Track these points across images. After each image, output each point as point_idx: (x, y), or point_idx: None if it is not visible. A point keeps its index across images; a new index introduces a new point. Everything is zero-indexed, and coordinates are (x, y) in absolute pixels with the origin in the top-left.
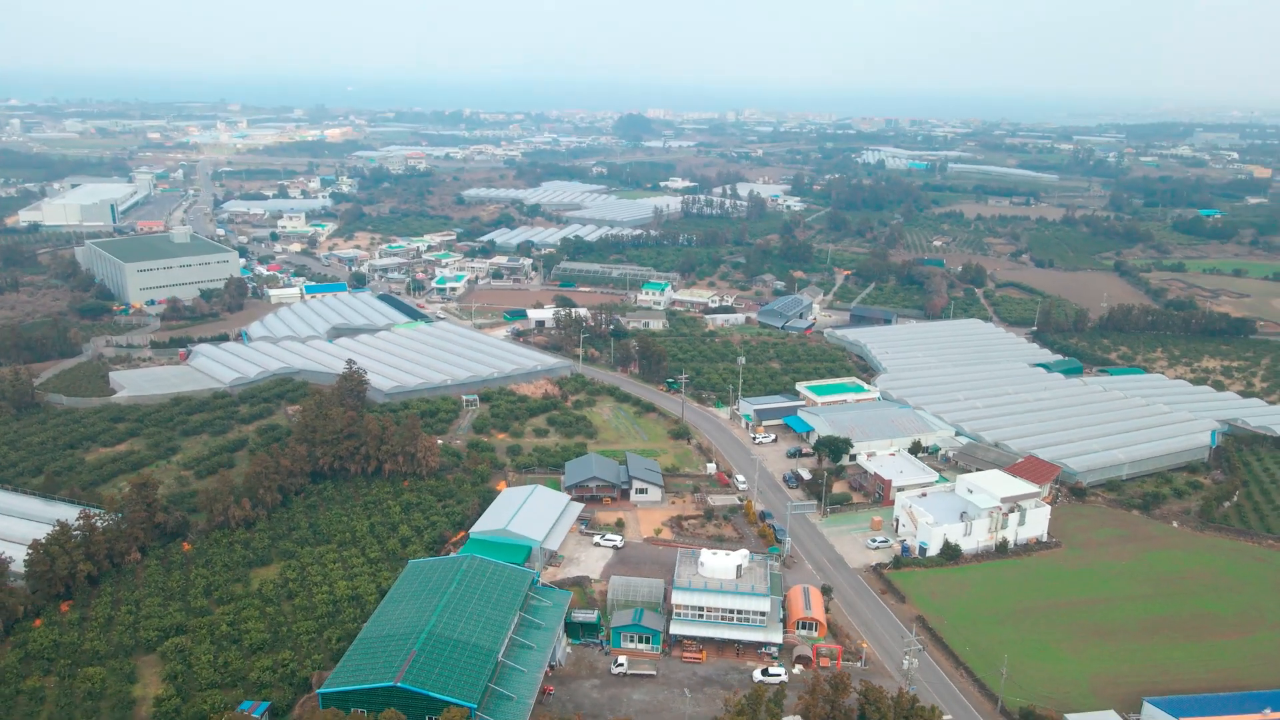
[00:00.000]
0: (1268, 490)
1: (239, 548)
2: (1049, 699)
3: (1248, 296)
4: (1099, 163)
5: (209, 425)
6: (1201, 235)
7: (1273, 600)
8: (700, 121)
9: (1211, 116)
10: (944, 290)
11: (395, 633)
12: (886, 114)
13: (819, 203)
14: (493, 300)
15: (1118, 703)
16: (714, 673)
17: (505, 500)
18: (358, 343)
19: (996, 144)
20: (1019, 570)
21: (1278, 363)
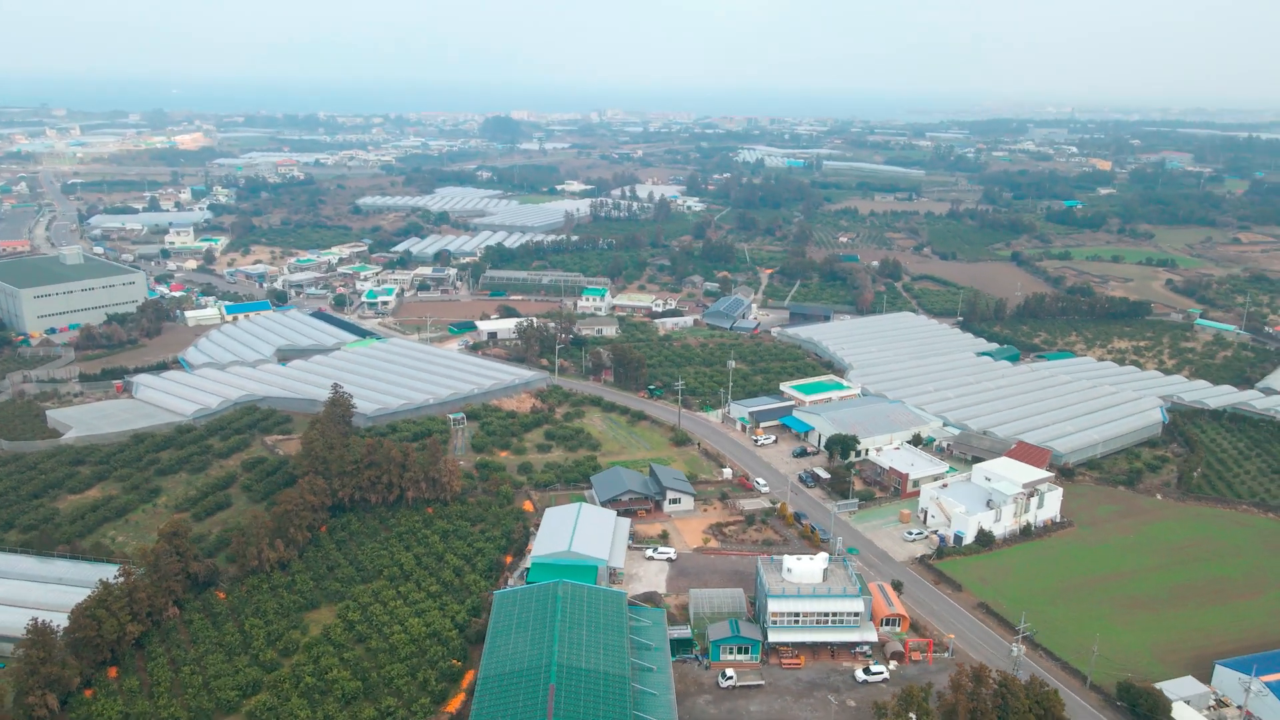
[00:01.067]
0: (1222, 459)
1: (283, 592)
2: (1128, 671)
3: (1130, 280)
4: (959, 158)
5: (184, 463)
6: (1074, 225)
7: (1270, 562)
8: (567, 122)
9: (1031, 113)
10: (869, 285)
11: (520, 668)
12: (744, 113)
13: (717, 202)
14: (427, 313)
15: (1185, 668)
16: (816, 676)
17: (554, 521)
18: (315, 364)
19: (861, 141)
20: (1046, 551)
21: (1178, 341)
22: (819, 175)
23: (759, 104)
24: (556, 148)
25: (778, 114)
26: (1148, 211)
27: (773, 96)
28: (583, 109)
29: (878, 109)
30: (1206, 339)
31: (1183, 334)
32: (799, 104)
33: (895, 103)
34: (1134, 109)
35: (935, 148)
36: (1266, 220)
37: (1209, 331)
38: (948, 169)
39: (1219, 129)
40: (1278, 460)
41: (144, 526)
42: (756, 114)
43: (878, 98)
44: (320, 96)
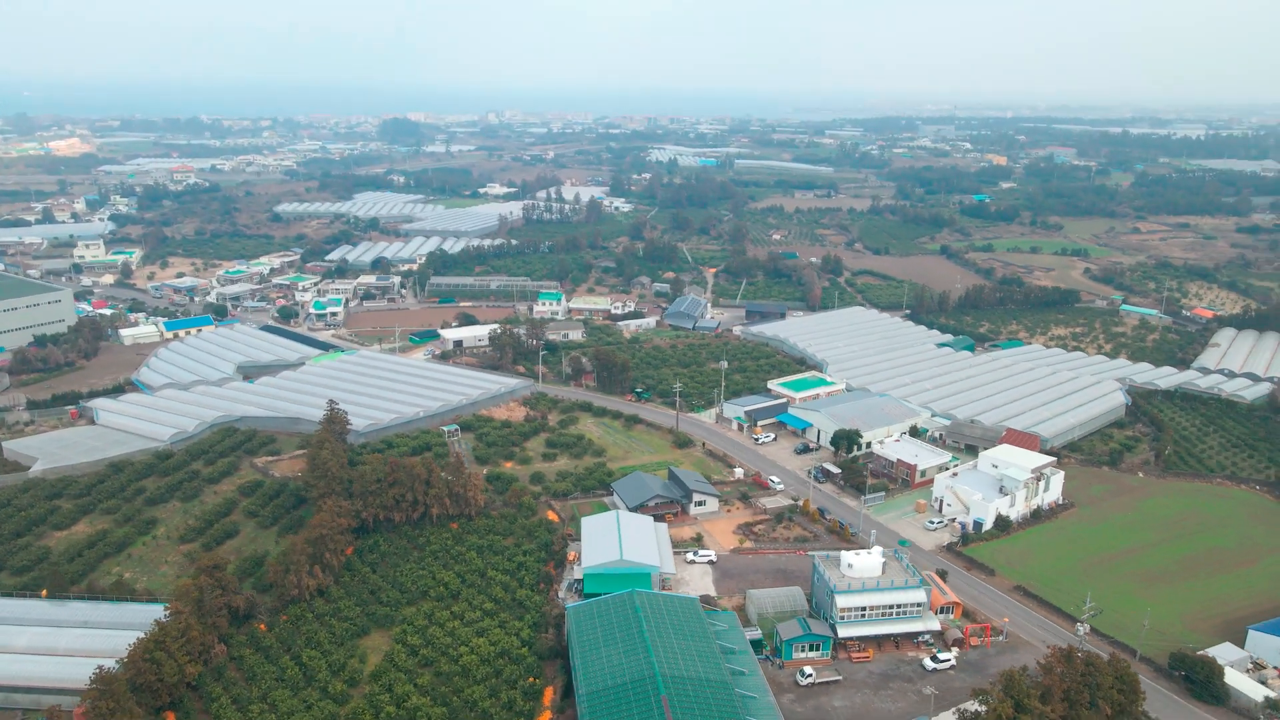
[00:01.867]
0: (1185, 436)
1: (331, 620)
2: (1170, 641)
3: (1052, 270)
4: (864, 155)
5: (173, 491)
6: (988, 218)
7: (1256, 530)
8: (465, 124)
9: (913, 110)
10: (816, 282)
11: (623, 682)
12: (641, 113)
13: (644, 203)
14: (378, 322)
15: (1214, 635)
16: (886, 668)
17: (595, 530)
18: (286, 381)
19: (766, 140)
20: (1057, 532)
21: (1109, 326)
22: (733, 174)
23: (654, 104)
24: (462, 150)
25: (675, 113)
26: (1052, 204)
27: (666, 96)
28: (478, 110)
29: (768, 107)
30: (1133, 323)
31: (1111, 319)
32: (693, 103)
33: (783, 101)
34: (1006, 106)
35: (840, 145)
36: (1158, 210)
37: (1134, 316)
38: (854, 165)
39: (1088, 124)
40: (1233, 435)
41: (149, 561)
42: (654, 114)
43: (765, 97)
44: (200, 99)
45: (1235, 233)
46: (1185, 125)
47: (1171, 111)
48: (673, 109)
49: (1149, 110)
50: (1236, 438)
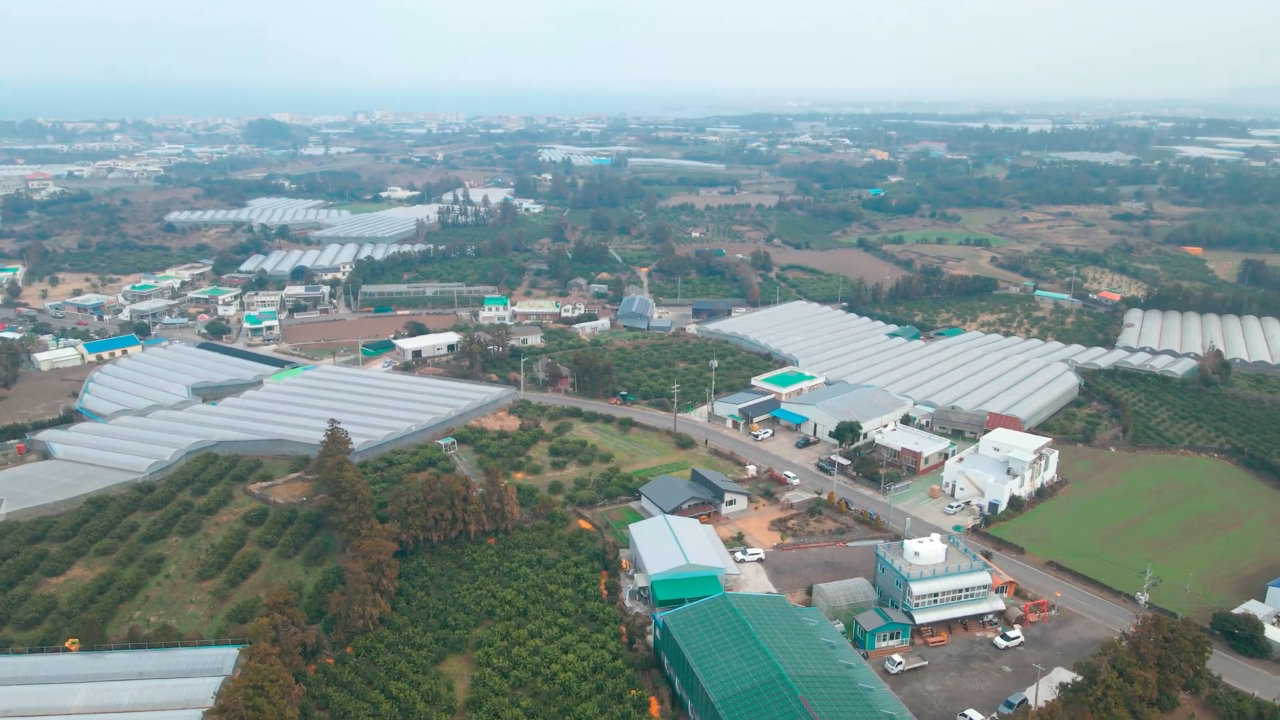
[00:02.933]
0: (1136, 411)
1: (405, 649)
2: (1195, 601)
3: (961, 260)
4: (752, 152)
5: (169, 526)
6: (890, 211)
7: (1231, 494)
8: (335, 125)
9: (776, 107)
10: (752, 278)
11: (753, 685)
12: (511, 112)
13: (554, 203)
14: (318, 335)
15: (1232, 594)
16: (961, 649)
17: (649, 536)
18: (252, 401)
19: (652, 138)
20: (1063, 509)
21: (1029, 312)
22: (630, 172)
23: (524, 104)
24: (341, 152)
25: (548, 113)
26: (946, 197)
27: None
28: (345, 110)
29: (636, 104)
30: (1049, 308)
31: (1028, 305)
32: (560, 103)
33: (648, 98)
34: (863, 103)
35: (728, 142)
36: (1039, 200)
37: (1048, 301)
38: (743, 162)
39: (944, 120)
40: (1176, 409)
41: (171, 602)
42: (528, 113)
43: (629, 93)
44: (35, 101)
45: (1111, 219)
46: (1032, 120)
47: (1013, 107)
48: (544, 109)
49: (993, 106)
50: (1180, 411)
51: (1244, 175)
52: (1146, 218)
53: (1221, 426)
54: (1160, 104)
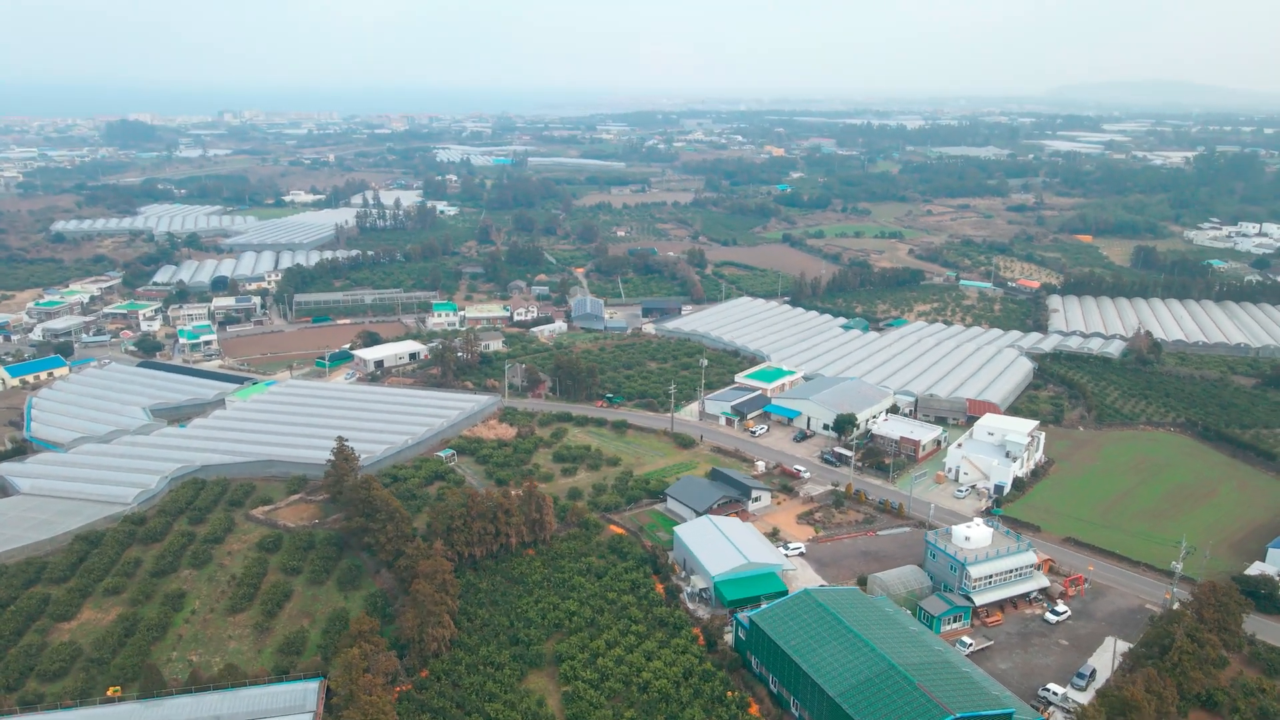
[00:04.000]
0: (1091, 391)
1: (484, 669)
2: (1202, 565)
3: (882, 252)
4: (650, 150)
5: (175, 558)
6: (804, 206)
7: (1198, 465)
8: (201, 125)
9: (652, 105)
10: (693, 275)
11: (867, 677)
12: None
13: (468, 205)
14: (259, 348)
15: (1231, 557)
16: (1018, 627)
17: (696, 537)
18: (225, 421)
19: (548, 137)
20: (1057, 487)
21: (959, 301)
22: (532, 172)
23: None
24: (220, 154)
25: (428, 112)
26: (852, 192)
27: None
28: (208, 110)
29: (516, 104)
30: (974, 296)
31: (955, 294)
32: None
33: (526, 98)
34: (738, 100)
35: (626, 140)
36: (938, 194)
37: (972, 290)
38: (642, 160)
39: (821, 116)
40: (1123, 388)
41: (208, 640)
42: (400, 112)
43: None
44: None
45: (1006, 211)
46: (903, 117)
47: (878, 103)
48: (420, 108)
49: (859, 103)
50: (1127, 389)
51: (1116, 168)
52: (1038, 208)
53: (1167, 402)
54: (1008, 100)
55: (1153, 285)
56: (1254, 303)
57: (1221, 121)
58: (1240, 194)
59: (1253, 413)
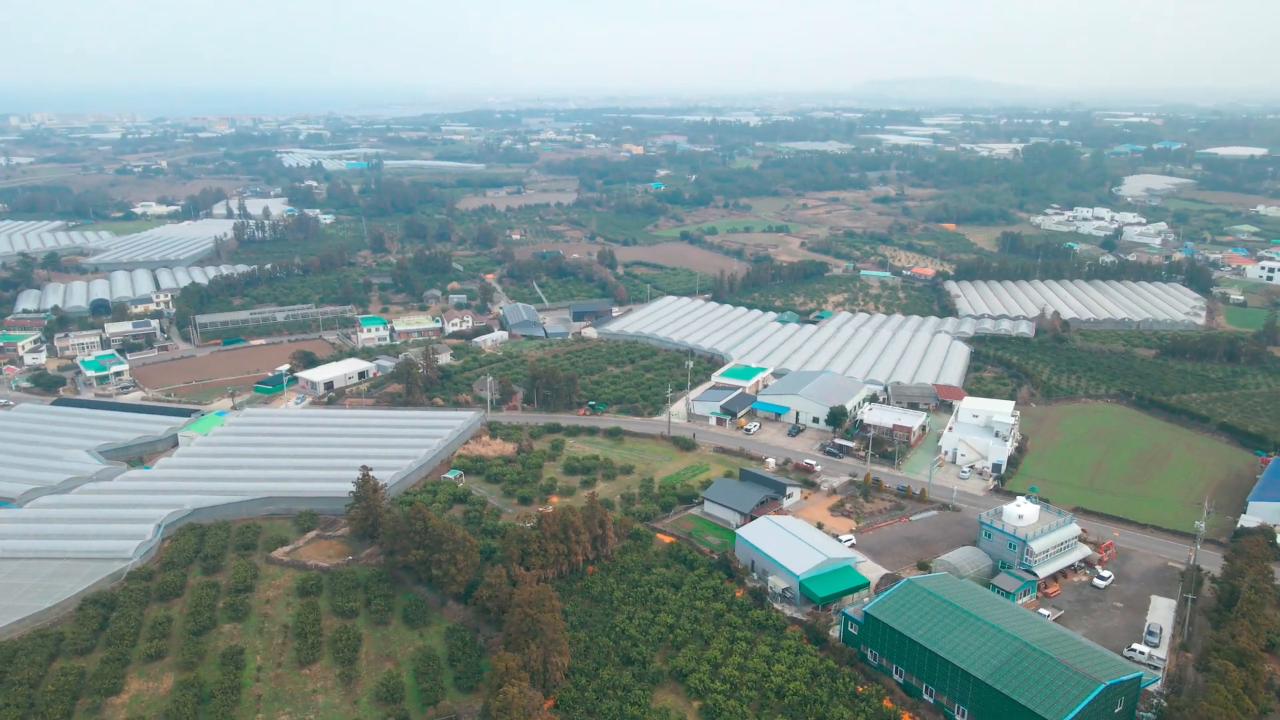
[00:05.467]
0: (1026, 370)
1: (613, 692)
2: (1209, 523)
3: (776, 246)
4: (508, 150)
5: (209, 614)
6: (687, 204)
7: (1146, 432)
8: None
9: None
10: (610, 276)
11: (1007, 659)
12: (192, 113)
13: (343, 212)
14: (179, 376)
15: (1217, 512)
16: (1073, 595)
17: (763, 538)
18: (191, 458)
19: (396, 139)
20: (1040, 461)
21: (866, 290)
22: (393, 175)
23: (199, 104)
24: (25, 163)
25: (246, 113)
26: (728, 188)
27: (207, 95)
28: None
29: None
30: (876, 285)
31: (859, 284)
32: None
33: (334, 97)
34: (566, 97)
35: (483, 142)
36: (806, 188)
37: (874, 279)
38: (502, 160)
39: (658, 113)
40: (1051, 364)
41: (292, 696)
42: (208, 113)
43: (312, 91)
44: None
45: (872, 203)
46: (737, 113)
47: (704, 99)
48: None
49: (687, 99)
50: (1055, 366)
51: (962, 160)
52: (900, 199)
53: (1091, 376)
54: (823, 96)
55: (1032, 269)
56: (1118, 280)
57: (1017, 115)
58: (1068, 182)
59: (1166, 381)
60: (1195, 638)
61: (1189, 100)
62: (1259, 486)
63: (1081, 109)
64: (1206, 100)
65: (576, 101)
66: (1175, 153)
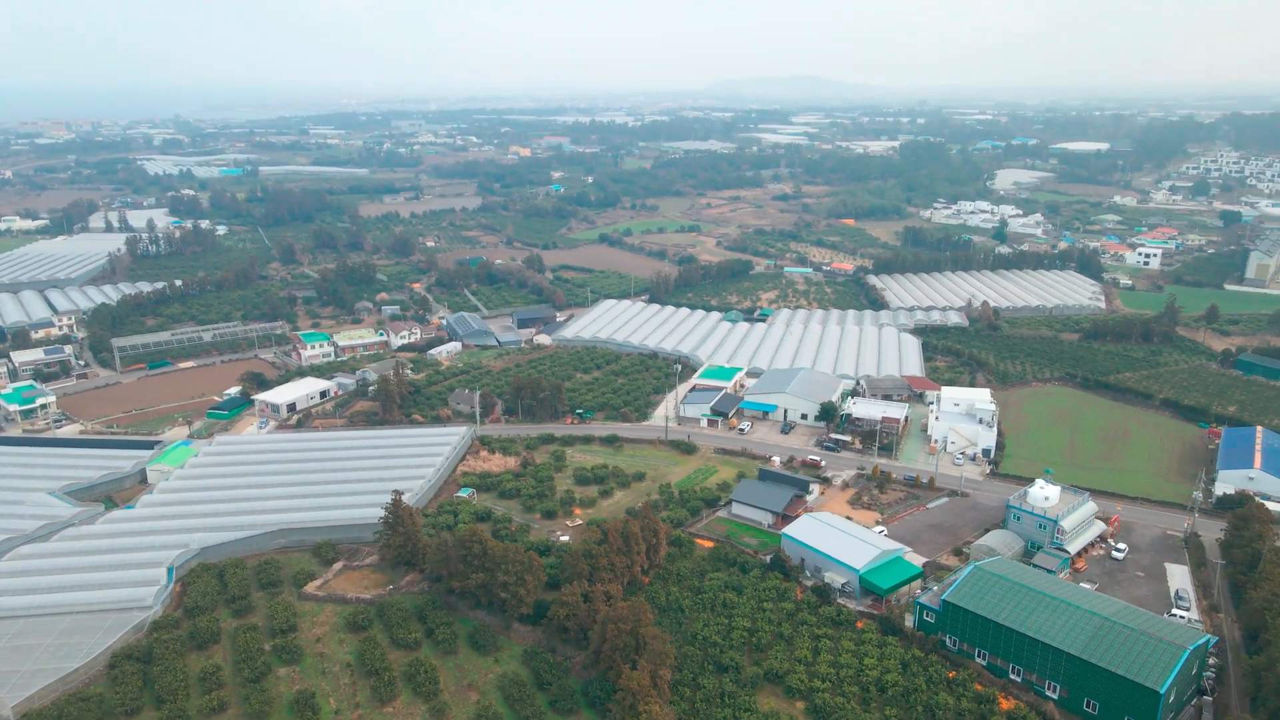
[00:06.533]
0: (981, 357)
1: (723, 700)
2: (1164, 492)
3: (694, 245)
4: (390, 154)
5: (257, 659)
6: (594, 206)
7: (1100, 410)
8: None
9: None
10: (545, 282)
11: (1093, 634)
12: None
13: (236, 223)
14: (113, 406)
15: (1187, 483)
16: (1097, 568)
17: (813, 536)
18: (175, 494)
19: (266, 144)
20: (1019, 443)
21: (793, 286)
22: (272, 182)
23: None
24: None
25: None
26: (633, 190)
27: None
28: None
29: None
30: (800, 281)
31: (785, 281)
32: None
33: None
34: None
35: (363, 146)
36: (706, 187)
37: (798, 275)
38: (384, 165)
39: (530, 114)
40: (993, 350)
41: None
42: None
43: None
44: None
45: (772, 201)
46: (611, 112)
47: (582, 100)
48: (37, 113)
49: (546, 100)
50: (998, 353)
51: (847, 158)
52: (798, 197)
53: (1033, 360)
54: (682, 95)
55: (943, 261)
56: (1019, 269)
57: (875, 113)
58: (946, 177)
59: (1097, 362)
60: (1220, 600)
61: (1017, 99)
62: (1224, 457)
63: (930, 107)
64: (1032, 99)
65: (437, 103)
66: (1032, 148)
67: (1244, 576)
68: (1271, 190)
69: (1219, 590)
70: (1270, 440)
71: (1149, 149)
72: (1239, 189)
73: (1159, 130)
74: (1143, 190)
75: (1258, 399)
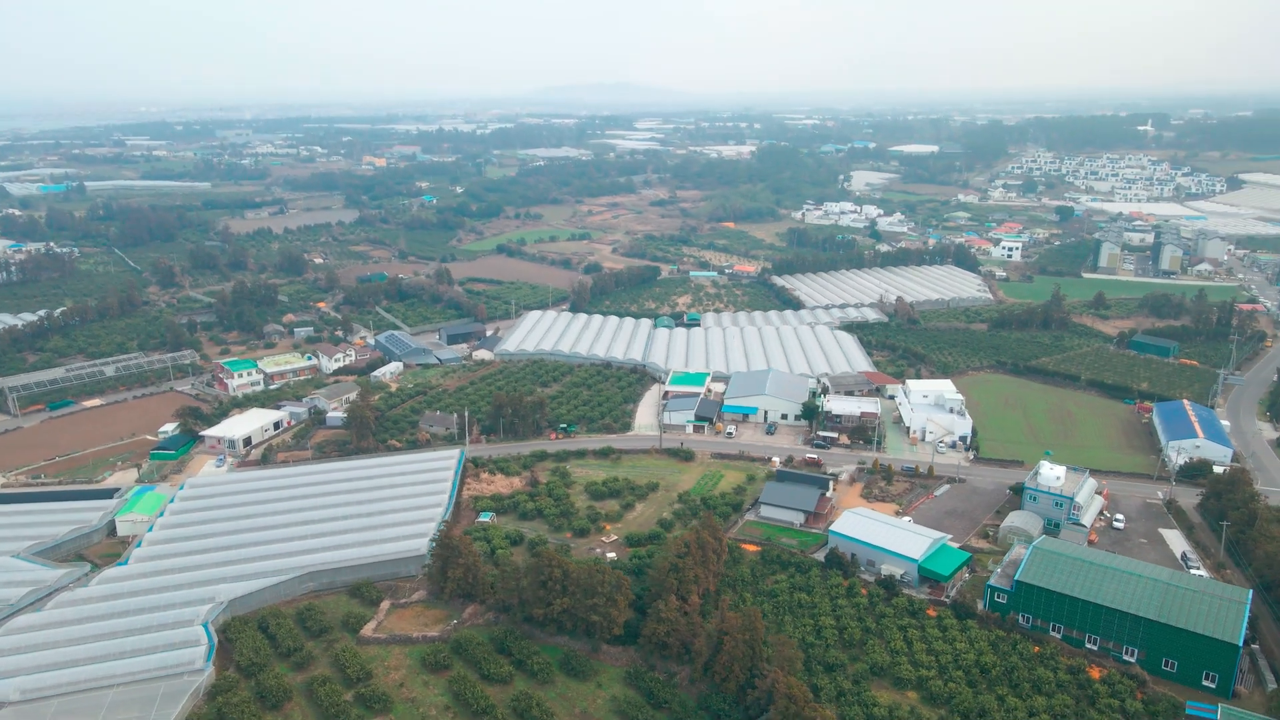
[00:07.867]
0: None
1: (851, 709)
2: (1127, 464)
3: (593, 253)
4: (232, 166)
5: (349, 712)
6: (477, 216)
7: (1035, 393)
8: None
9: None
10: (462, 296)
11: (1161, 598)
12: None
13: (88, 245)
14: (30, 452)
15: (1141, 453)
16: (1105, 538)
17: (864, 532)
18: (168, 546)
19: (78, 157)
20: (984, 429)
21: (704, 290)
22: (105, 198)
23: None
24: None
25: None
26: (510, 199)
27: None
28: None
29: None
30: (709, 284)
31: (695, 285)
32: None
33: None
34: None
35: (199, 159)
36: (582, 194)
37: (705, 279)
38: (227, 178)
39: (363, 123)
40: (920, 343)
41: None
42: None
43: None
44: None
45: (650, 206)
46: (446, 120)
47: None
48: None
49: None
50: (927, 345)
51: (708, 162)
52: (674, 202)
53: (958, 350)
54: (510, 102)
55: (836, 260)
56: (905, 265)
57: (705, 118)
58: (808, 179)
59: (1013, 349)
60: (1225, 558)
61: (830, 104)
62: (1168, 429)
63: (756, 112)
64: (842, 104)
65: (252, 110)
66: (872, 151)
67: (1243, 534)
68: (1086, 186)
69: (1221, 549)
70: (1200, 412)
71: (978, 150)
72: (1060, 185)
73: (977, 133)
74: (981, 189)
75: (1159, 375)
